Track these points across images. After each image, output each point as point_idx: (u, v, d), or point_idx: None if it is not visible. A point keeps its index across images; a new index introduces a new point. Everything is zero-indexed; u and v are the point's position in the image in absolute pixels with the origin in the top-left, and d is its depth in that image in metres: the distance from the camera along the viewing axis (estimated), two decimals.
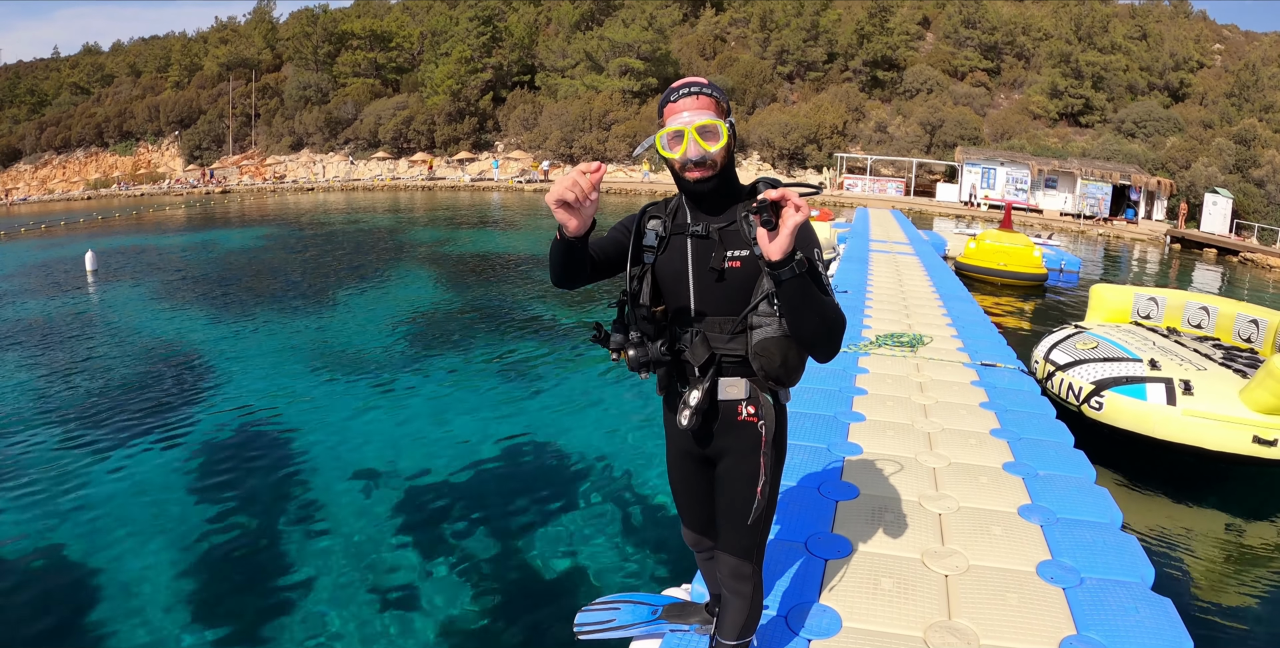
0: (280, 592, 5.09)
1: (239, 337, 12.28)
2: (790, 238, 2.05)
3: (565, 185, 2.07)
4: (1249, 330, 8.25)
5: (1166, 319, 9.16)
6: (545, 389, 9.42)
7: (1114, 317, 9.45)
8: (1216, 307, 8.81)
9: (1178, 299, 9.23)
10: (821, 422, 5.67)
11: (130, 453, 7.54)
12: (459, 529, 5.93)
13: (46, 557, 5.63)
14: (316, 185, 53.56)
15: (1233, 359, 7.51)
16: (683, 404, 2.43)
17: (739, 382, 2.47)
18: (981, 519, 4.22)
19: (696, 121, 2.26)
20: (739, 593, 2.61)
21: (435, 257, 21.40)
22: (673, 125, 2.29)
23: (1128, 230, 34.42)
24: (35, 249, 25.12)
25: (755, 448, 2.49)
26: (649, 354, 2.47)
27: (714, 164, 2.32)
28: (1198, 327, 8.88)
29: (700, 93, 2.30)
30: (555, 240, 2.26)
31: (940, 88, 53.79)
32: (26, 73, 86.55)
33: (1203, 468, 7.05)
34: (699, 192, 2.38)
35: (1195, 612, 4.74)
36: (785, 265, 2.08)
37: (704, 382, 2.43)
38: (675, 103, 2.32)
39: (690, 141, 2.27)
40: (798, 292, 2.13)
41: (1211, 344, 8.21)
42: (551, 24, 66.15)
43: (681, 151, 2.29)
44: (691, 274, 2.42)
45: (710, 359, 2.43)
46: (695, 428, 2.50)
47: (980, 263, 16.73)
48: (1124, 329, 8.69)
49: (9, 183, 70.31)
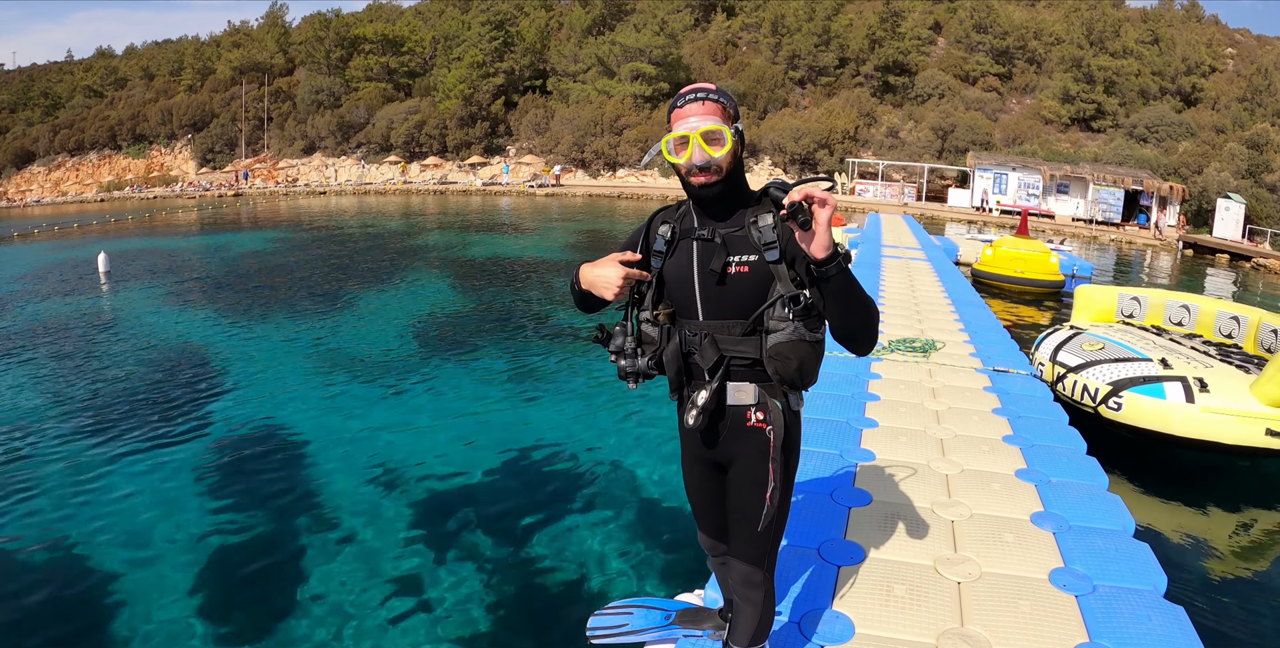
0: (290, 596, 5.11)
1: (251, 339, 12.34)
2: (827, 231, 2.08)
3: (604, 285, 2.34)
4: (1230, 327, 8.58)
5: (1149, 318, 9.44)
6: (557, 393, 9.43)
7: (1100, 316, 9.64)
8: (1197, 305, 9.13)
9: (1159, 298, 9.50)
10: (834, 428, 5.68)
11: (143, 455, 7.58)
12: (471, 532, 5.95)
13: (59, 558, 5.67)
14: (329, 189, 53.80)
15: (1228, 355, 7.78)
16: (690, 404, 2.47)
17: (748, 387, 2.49)
18: (994, 526, 4.22)
19: (701, 127, 2.29)
20: (750, 600, 2.62)
21: (446, 261, 21.47)
22: (679, 130, 2.32)
23: (1139, 236, 34.31)
24: (49, 251, 25.30)
25: (764, 454, 2.50)
26: (636, 366, 2.55)
27: (719, 169, 2.34)
28: (1179, 324, 9.18)
29: (706, 98, 2.33)
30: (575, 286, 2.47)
31: (952, 93, 53.71)
32: (40, 76, 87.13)
33: (1216, 475, 7.07)
34: (705, 196, 2.40)
35: (1208, 620, 4.73)
36: (832, 261, 2.13)
37: (712, 383, 2.45)
38: (681, 108, 2.35)
39: (695, 147, 2.30)
40: (844, 285, 2.19)
41: (1201, 341, 8.50)
42: (563, 29, 66.31)
43: (687, 157, 2.33)
44: (697, 278, 2.45)
45: (719, 361, 2.45)
46: (702, 428, 2.52)
47: (997, 270, 16.66)
48: (1119, 329, 8.83)
49: (23, 184, 70.77)
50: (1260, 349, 8.11)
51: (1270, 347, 7.97)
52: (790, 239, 2.32)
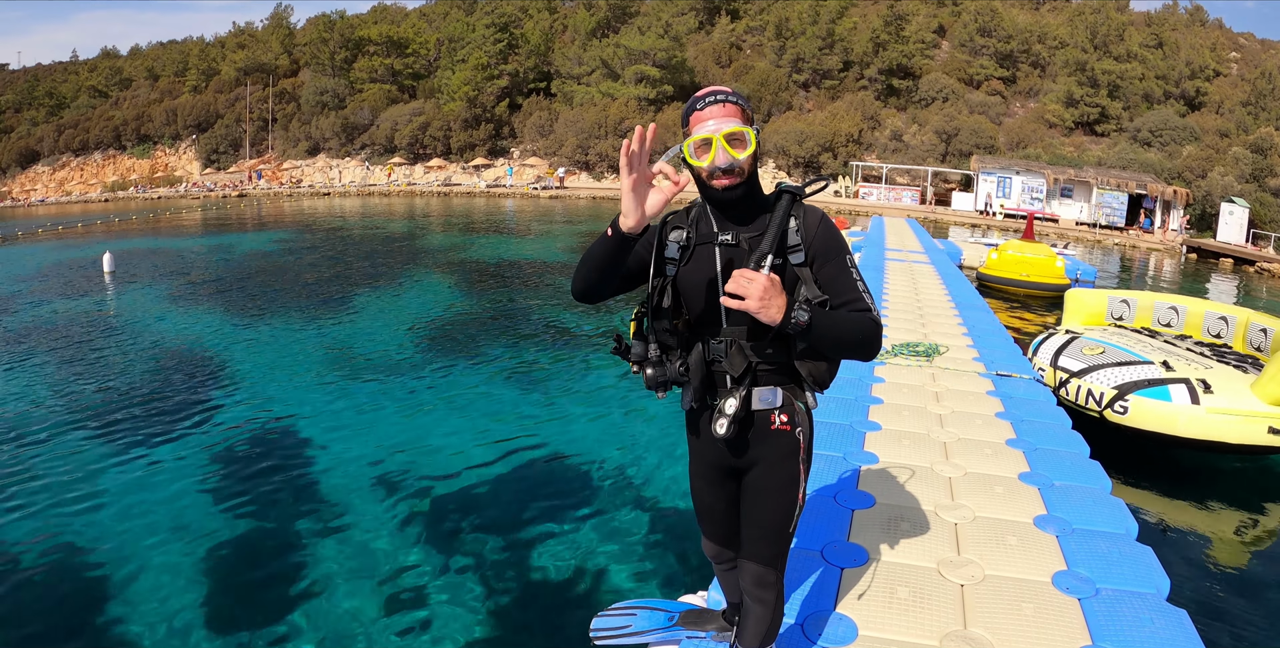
0: (294, 597, 5.13)
1: (255, 339, 12.37)
2: (761, 305, 2.12)
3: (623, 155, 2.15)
4: (1219, 327, 8.77)
5: (1138, 320, 9.61)
6: (560, 396, 9.45)
7: (1090, 319, 9.77)
8: (1185, 306, 9.33)
9: (1147, 300, 9.68)
10: (838, 431, 5.69)
11: (147, 454, 7.60)
12: (474, 535, 5.96)
13: (64, 557, 5.69)
14: (333, 190, 53.89)
15: (1223, 356, 7.93)
16: (718, 413, 2.42)
17: (774, 391, 2.48)
18: (997, 529, 4.23)
19: (724, 129, 2.25)
20: (762, 601, 2.62)
21: (451, 262, 21.50)
22: (700, 134, 2.27)
23: (1143, 240, 34.29)
24: (54, 250, 25.34)
25: (789, 455, 2.51)
26: (667, 374, 2.48)
27: (741, 171, 2.31)
28: (1167, 325, 9.35)
29: (726, 100, 2.30)
30: (605, 236, 2.27)
31: (956, 96, 53.73)
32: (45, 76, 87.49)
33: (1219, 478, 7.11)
34: (727, 199, 2.36)
35: (1211, 623, 4.73)
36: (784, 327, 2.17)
37: (740, 390, 2.42)
38: (701, 111, 2.30)
39: (719, 149, 2.26)
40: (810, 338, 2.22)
41: (1192, 342, 8.64)
42: (567, 31, 66.46)
43: (710, 159, 2.28)
44: (723, 285, 2.37)
45: (748, 368, 2.44)
46: (732, 437, 2.47)
47: (1002, 274, 16.67)
48: (1113, 332, 8.91)
49: (27, 184, 70.98)
50: (1250, 348, 8.26)
51: (1260, 346, 8.13)
52: (814, 240, 2.33)
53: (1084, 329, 9.01)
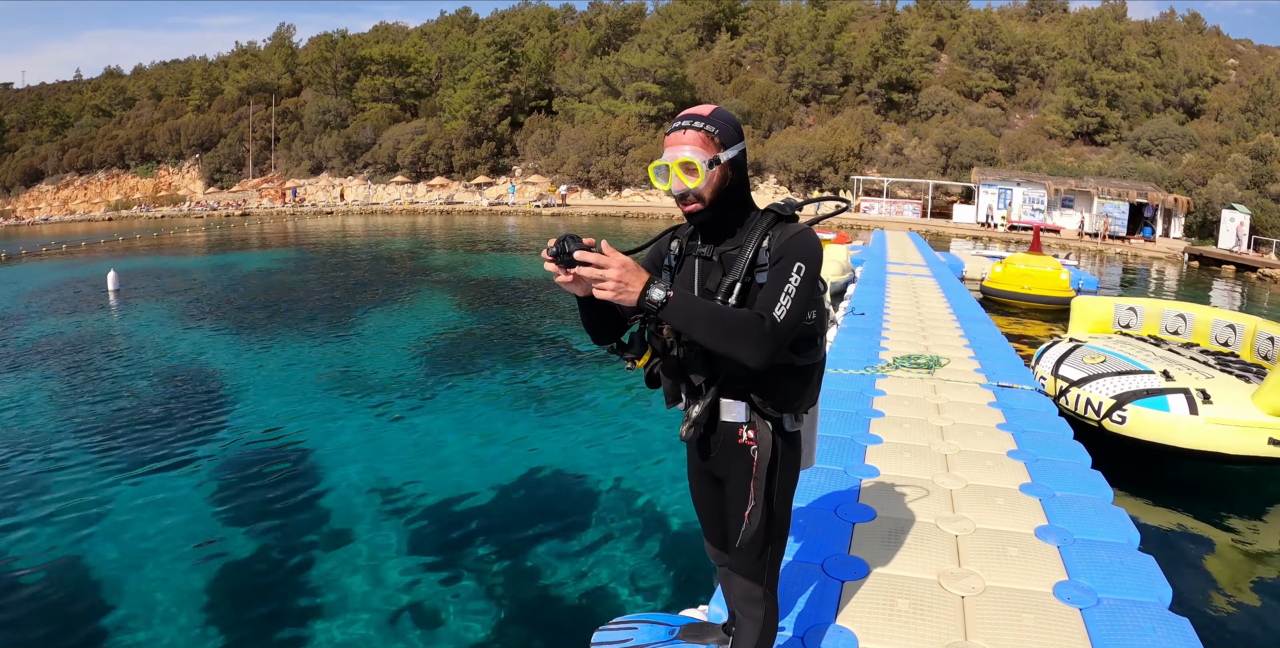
0: (299, 612, 5.13)
1: (260, 358, 12.40)
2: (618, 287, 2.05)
3: None
4: (1226, 335, 8.69)
5: (1145, 328, 9.53)
6: (563, 411, 9.46)
7: (1096, 328, 9.70)
8: (1193, 314, 9.24)
9: (1155, 308, 9.61)
10: (838, 444, 5.69)
11: (152, 472, 7.61)
12: (476, 549, 5.96)
13: (69, 574, 5.69)
14: (336, 209, 54.06)
15: (1227, 364, 7.85)
16: (685, 417, 2.49)
17: (739, 405, 2.48)
18: (998, 541, 4.23)
19: (678, 158, 2.29)
20: (750, 616, 2.65)
21: (453, 281, 21.56)
22: (663, 159, 2.34)
23: (1145, 249, 34.29)
24: (58, 269, 25.43)
25: (745, 473, 2.50)
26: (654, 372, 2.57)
27: (701, 198, 2.33)
28: (1175, 333, 9.28)
29: (689, 127, 2.31)
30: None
31: (955, 109, 53.95)
32: (49, 94, 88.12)
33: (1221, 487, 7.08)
34: (693, 223, 2.44)
35: (1213, 632, 4.72)
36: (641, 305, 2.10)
37: (705, 398, 2.45)
38: (670, 135, 2.36)
39: (674, 177, 2.32)
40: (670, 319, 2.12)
41: (1199, 350, 8.58)
42: (568, 49, 66.88)
43: (667, 186, 2.35)
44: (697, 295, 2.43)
45: (712, 377, 2.46)
46: (694, 440, 2.57)
47: (1007, 287, 16.63)
48: (1118, 340, 8.85)
49: (31, 203, 71.28)
50: (1257, 357, 8.19)
51: (1267, 354, 8.07)
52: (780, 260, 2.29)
53: (1089, 337, 8.99)
